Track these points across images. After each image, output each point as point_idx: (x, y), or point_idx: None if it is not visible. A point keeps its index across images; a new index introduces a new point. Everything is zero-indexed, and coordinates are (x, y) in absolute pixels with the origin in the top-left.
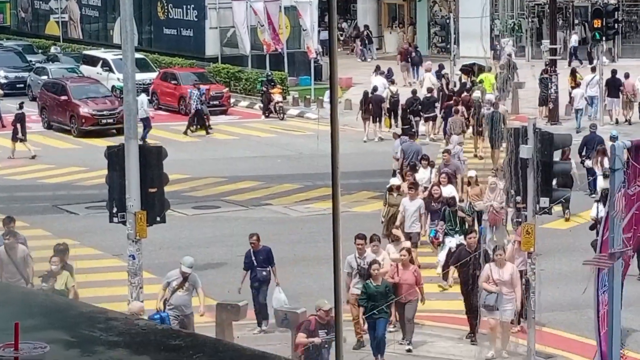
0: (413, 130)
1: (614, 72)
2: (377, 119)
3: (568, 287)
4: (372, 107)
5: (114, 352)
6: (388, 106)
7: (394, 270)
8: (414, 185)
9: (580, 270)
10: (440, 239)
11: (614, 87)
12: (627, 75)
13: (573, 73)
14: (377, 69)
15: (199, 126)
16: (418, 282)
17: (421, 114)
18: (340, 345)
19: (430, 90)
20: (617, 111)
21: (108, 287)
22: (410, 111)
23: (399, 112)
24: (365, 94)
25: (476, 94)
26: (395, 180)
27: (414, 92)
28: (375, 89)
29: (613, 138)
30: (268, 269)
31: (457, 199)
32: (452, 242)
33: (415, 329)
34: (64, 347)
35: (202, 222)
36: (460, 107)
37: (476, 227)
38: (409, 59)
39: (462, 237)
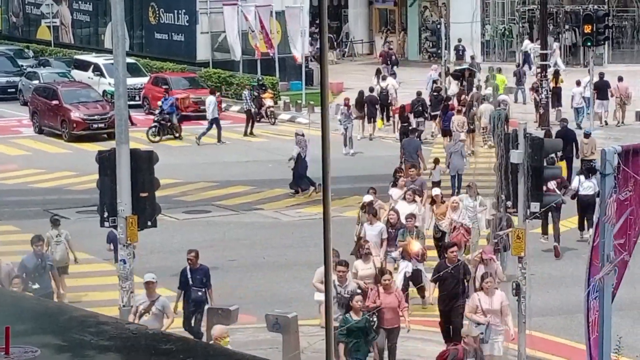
0: (411, 127)
1: (601, 75)
2: (372, 119)
3: (558, 292)
4: (367, 107)
5: (104, 356)
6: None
7: (375, 294)
8: (372, 209)
9: (570, 274)
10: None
11: (602, 89)
12: (620, 79)
13: (556, 74)
14: (378, 72)
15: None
16: (401, 305)
17: (425, 114)
18: (331, 351)
19: (438, 89)
20: (606, 114)
21: (99, 291)
22: (414, 112)
23: (391, 107)
24: (361, 93)
25: (487, 90)
26: (368, 197)
27: (419, 93)
28: (371, 89)
29: (587, 134)
30: (204, 290)
31: (420, 219)
32: (408, 266)
33: (405, 333)
34: (55, 351)
35: (193, 226)
36: (460, 107)
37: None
38: (389, 62)
39: (420, 262)
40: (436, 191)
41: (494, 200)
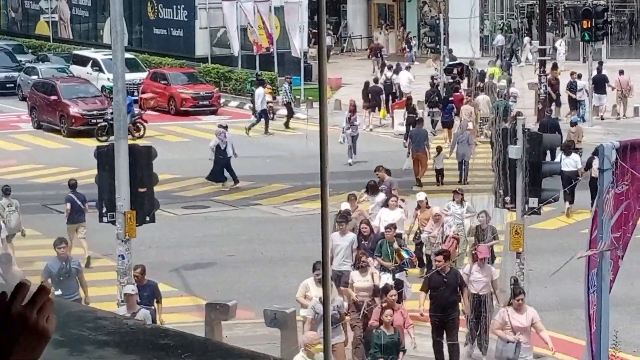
0: (418, 117)
1: (599, 68)
2: (377, 109)
3: (556, 287)
4: (370, 96)
5: (102, 351)
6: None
7: (379, 312)
8: (344, 218)
9: (569, 270)
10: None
11: (599, 83)
12: (621, 72)
13: (554, 68)
14: (389, 68)
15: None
16: (406, 323)
17: (440, 104)
18: (329, 344)
19: (436, 84)
20: (603, 108)
21: (97, 286)
22: (429, 102)
23: (398, 96)
24: (366, 84)
25: (502, 82)
26: (345, 205)
27: (433, 84)
28: (375, 80)
29: (573, 123)
30: (153, 307)
31: (402, 229)
32: (389, 278)
33: (412, 349)
34: (52, 346)
35: (191, 222)
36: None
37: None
38: (379, 55)
39: (402, 272)
40: (421, 196)
41: (491, 195)
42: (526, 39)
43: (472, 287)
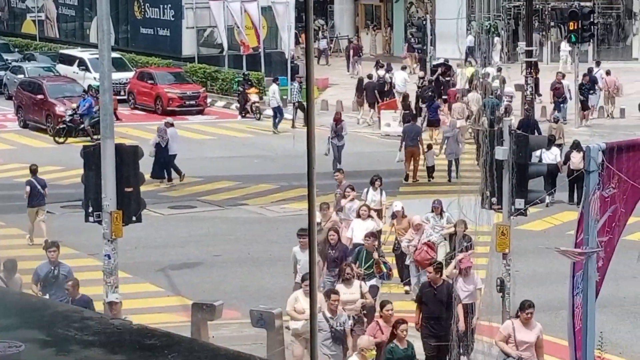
0: (413, 113)
1: (590, 69)
2: (372, 105)
3: (542, 289)
4: (366, 93)
5: (89, 351)
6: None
7: (376, 328)
8: (304, 231)
9: (555, 271)
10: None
11: (590, 84)
12: (608, 72)
13: (535, 66)
14: (381, 66)
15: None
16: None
17: (435, 99)
18: (315, 339)
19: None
20: (592, 108)
21: (83, 286)
22: (423, 97)
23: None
24: (360, 80)
25: (495, 83)
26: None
27: (430, 80)
28: (369, 76)
29: (555, 120)
30: None
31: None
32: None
33: None
34: (39, 346)
35: (178, 221)
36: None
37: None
38: (360, 54)
39: (375, 279)
40: (397, 206)
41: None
42: (496, 39)
43: (459, 297)
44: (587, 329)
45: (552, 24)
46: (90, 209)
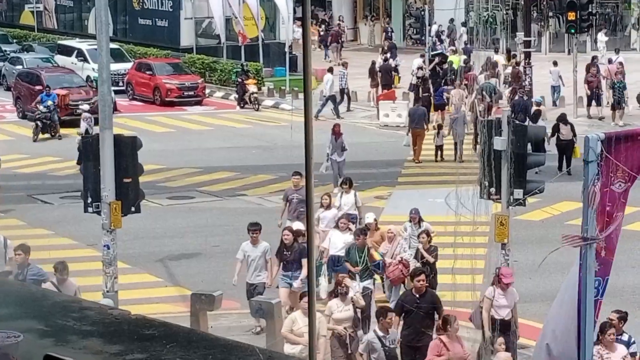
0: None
1: (594, 58)
2: (386, 87)
3: (541, 279)
4: (381, 75)
5: (87, 341)
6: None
7: (440, 345)
8: (255, 226)
9: (553, 262)
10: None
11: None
12: (610, 61)
13: (508, 53)
14: (383, 49)
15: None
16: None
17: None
18: (313, 336)
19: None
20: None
21: (82, 277)
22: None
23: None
24: (373, 63)
25: (508, 70)
26: (300, 225)
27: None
28: (385, 59)
29: (537, 103)
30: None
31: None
32: (360, 286)
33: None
34: (38, 336)
35: (176, 212)
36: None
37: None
38: (339, 41)
39: (370, 281)
40: (369, 218)
41: (476, 187)
42: (462, 29)
43: (496, 312)
44: (587, 319)
45: (550, 14)
46: (89, 200)
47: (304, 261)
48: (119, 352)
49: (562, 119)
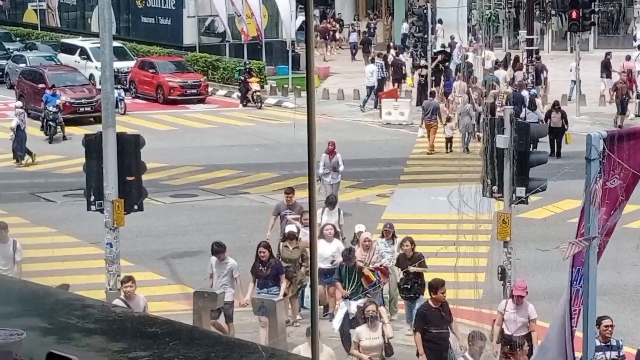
0: (430, 90)
1: (608, 54)
2: (397, 81)
3: (543, 276)
4: (393, 69)
5: (90, 339)
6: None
7: None
8: (221, 247)
9: (556, 259)
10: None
11: (606, 69)
12: (628, 57)
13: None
14: (395, 48)
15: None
16: None
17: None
18: (316, 334)
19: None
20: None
21: (85, 274)
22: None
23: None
24: (384, 57)
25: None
26: (293, 227)
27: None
28: (397, 54)
29: (533, 95)
30: None
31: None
32: (351, 305)
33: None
34: (41, 334)
35: (179, 210)
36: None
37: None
38: (327, 37)
39: (361, 302)
40: (360, 228)
41: (479, 184)
42: (438, 26)
43: (506, 327)
44: (588, 318)
45: (553, 12)
46: (92, 198)
47: (282, 277)
48: (122, 349)
49: (554, 106)
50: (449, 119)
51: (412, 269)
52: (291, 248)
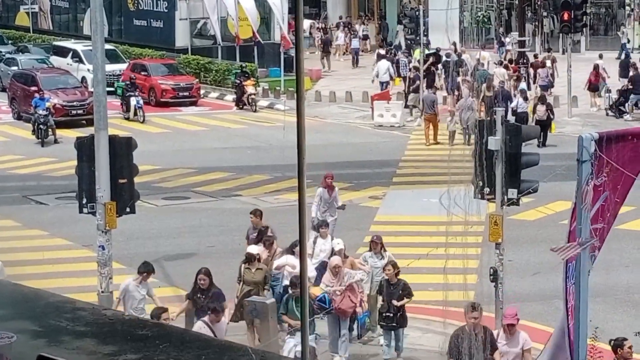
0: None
1: (627, 54)
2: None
3: (535, 278)
4: (396, 67)
5: (81, 342)
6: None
7: None
8: (147, 266)
9: (547, 261)
10: None
11: (625, 69)
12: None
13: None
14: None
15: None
16: None
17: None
18: (306, 338)
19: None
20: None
21: (77, 277)
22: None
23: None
24: (379, 54)
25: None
26: (254, 249)
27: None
28: (387, 51)
29: (522, 91)
30: None
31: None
32: (296, 345)
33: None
34: (31, 336)
35: (171, 212)
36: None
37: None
38: (324, 49)
39: (313, 336)
40: (339, 245)
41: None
42: (399, 27)
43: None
44: (580, 319)
45: (544, 14)
46: (84, 201)
47: (224, 304)
48: (112, 352)
49: (541, 98)
50: (452, 113)
51: (396, 303)
52: (253, 270)
